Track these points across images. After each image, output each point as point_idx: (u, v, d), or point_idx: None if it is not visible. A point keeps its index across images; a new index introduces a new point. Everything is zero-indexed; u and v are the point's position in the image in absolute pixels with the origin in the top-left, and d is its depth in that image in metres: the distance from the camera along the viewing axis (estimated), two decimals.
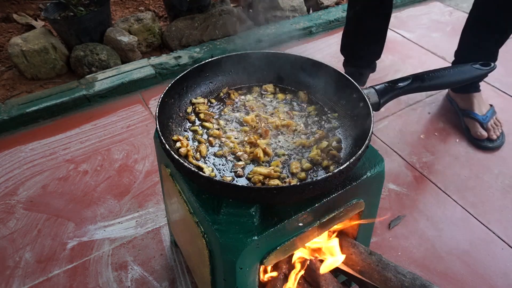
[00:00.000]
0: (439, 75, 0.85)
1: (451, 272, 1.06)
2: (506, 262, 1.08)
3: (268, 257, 0.66)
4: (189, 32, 1.98)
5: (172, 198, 0.85)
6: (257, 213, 0.64)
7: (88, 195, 1.28)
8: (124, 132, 1.52)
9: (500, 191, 1.26)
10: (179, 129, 0.79)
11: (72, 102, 1.62)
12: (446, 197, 1.25)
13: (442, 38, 2.03)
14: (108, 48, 1.84)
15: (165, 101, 0.77)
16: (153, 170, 1.35)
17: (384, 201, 1.24)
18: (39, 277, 1.06)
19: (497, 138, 1.41)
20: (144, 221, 1.19)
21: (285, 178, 0.69)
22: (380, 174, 0.74)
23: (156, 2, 2.37)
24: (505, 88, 1.68)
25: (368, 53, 1.54)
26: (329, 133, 0.79)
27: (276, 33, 2.00)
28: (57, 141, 1.49)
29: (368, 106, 0.73)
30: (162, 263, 1.09)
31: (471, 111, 1.44)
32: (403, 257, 1.10)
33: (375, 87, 0.82)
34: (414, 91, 0.84)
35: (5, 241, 1.15)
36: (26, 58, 1.73)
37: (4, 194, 1.29)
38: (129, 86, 1.72)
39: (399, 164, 1.36)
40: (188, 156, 0.72)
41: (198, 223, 0.70)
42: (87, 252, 1.11)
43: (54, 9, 1.88)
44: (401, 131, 1.50)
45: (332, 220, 0.72)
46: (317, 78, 0.88)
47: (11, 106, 1.56)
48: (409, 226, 1.17)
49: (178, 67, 1.79)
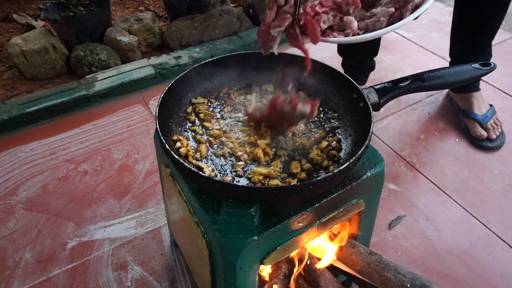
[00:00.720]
0: (439, 75, 0.85)
1: (451, 272, 1.06)
2: (506, 262, 1.08)
3: (268, 257, 0.67)
4: (189, 32, 1.98)
5: (172, 198, 0.85)
6: (257, 213, 0.64)
7: (88, 195, 1.28)
8: (124, 132, 1.52)
9: (500, 191, 1.26)
10: (179, 129, 0.79)
11: (72, 102, 1.62)
12: (446, 197, 1.25)
13: (442, 38, 2.03)
14: (108, 48, 1.84)
15: (165, 101, 0.77)
16: (153, 170, 1.36)
17: (384, 201, 1.24)
18: (39, 277, 1.06)
19: (497, 138, 1.41)
20: (144, 221, 1.19)
21: (285, 178, 0.69)
22: (380, 174, 0.74)
23: (156, 2, 2.37)
24: (505, 88, 1.68)
25: (364, 52, 1.54)
26: (329, 133, 0.79)
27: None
28: (57, 141, 1.49)
29: (368, 106, 0.73)
30: (162, 263, 1.09)
31: (471, 111, 1.44)
32: (403, 257, 1.10)
33: (375, 87, 0.82)
34: (414, 91, 0.84)
35: (5, 241, 1.15)
36: (26, 58, 1.73)
37: (4, 194, 1.29)
38: (129, 86, 1.72)
39: (399, 164, 1.37)
40: (188, 156, 0.72)
41: (198, 223, 0.70)
42: (87, 252, 1.12)
43: (54, 9, 1.88)
44: (401, 131, 1.50)
45: (332, 220, 0.72)
46: (317, 78, 0.88)
47: (11, 106, 1.56)
48: (409, 226, 1.17)
49: (178, 67, 1.79)
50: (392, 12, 0.82)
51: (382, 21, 0.81)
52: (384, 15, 0.81)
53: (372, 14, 0.84)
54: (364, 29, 0.83)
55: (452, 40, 1.46)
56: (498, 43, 1.97)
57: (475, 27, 1.33)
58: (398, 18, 0.82)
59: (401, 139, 1.46)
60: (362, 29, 0.83)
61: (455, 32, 1.43)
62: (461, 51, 1.44)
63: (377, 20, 0.82)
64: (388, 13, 0.82)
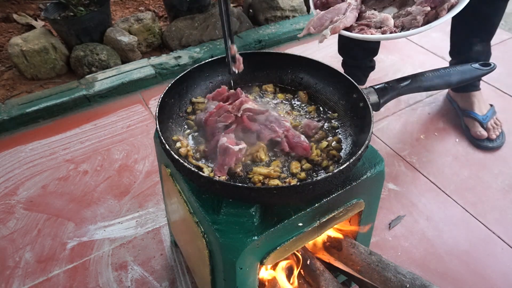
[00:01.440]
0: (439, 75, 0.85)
1: (451, 272, 1.06)
2: (506, 262, 1.08)
3: (268, 257, 0.67)
4: (189, 32, 1.98)
5: (172, 198, 0.85)
6: (257, 213, 0.64)
7: (88, 195, 1.28)
8: (124, 132, 1.52)
9: (500, 191, 1.26)
10: (179, 129, 0.79)
11: (72, 102, 1.62)
12: (446, 197, 1.25)
13: (442, 38, 2.02)
14: (108, 48, 1.84)
15: (165, 101, 0.77)
16: (153, 170, 1.36)
17: (384, 201, 1.24)
18: (39, 277, 1.06)
19: (497, 138, 1.41)
20: (144, 221, 1.19)
21: (285, 178, 0.69)
22: (380, 174, 0.74)
23: (156, 2, 2.37)
24: (505, 88, 1.68)
25: (365, 51, 1.54)
26: (329, 133, 0.79)
27: (276, 33, 2.00)
28: (57, 141, 1.49)
29: (368, 106, 0.73)
30: (162, 263, 1.09)
31: (471, 111, 1.44)
32: (403, 257, 1.10)
33: (375, 87, 0.82)
34: (414, 91, 0.84)
35: (5, 241, 1.15)
36: (26, 58, 1.73)
37: (4, 194, 1.29)
38: (129, 86, 1.72)
39: (399, 164, 1.36)
40: (188, 156, 0.72)
41: (198, 223, 0.70)
42: (87, 252, 1.12)
43: (54, 9, 1.88)
44: (401, 131, 1.50)
45: (332, 220, 0.72)
46: (317, 78, 0.88)
47: (11, 106, 1.56)
48: (409, 226, 1.17)
49: (178, 67, 1.79)
50: (428, 11, 0.82)
51: (419, 19, 0.82)
52: (420, 13, 0.82)
53: (408, 13, 0.84)
54: (400, 27, 0.84)
55: (452, 39, 1.46)
56: (498, 43, 1.96)
57: (475, 25, 1.33)
58: (433, 17, 0.83)
59: (401, 139, 1.46)
60: (399, 27, 0.84)
61: (455, 30, 1.43)
62: (461, 50, 1.44)
63: (414, 19, 0.82)
64: (424, 12, 0.82)
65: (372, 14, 0.89)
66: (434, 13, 0.82)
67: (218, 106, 0.76)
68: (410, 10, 0.84)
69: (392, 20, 0.85)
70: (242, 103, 0.74)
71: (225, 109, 0.75)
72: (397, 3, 0.92)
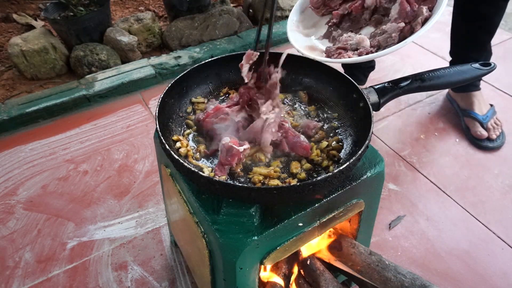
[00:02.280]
0: (439, 75, 0.85)
1: (451, 272, 1.06)
2: (506, 262, 1.08)
3: (268, 257, 0.66)
4: (189, 32, 1.98)
5: (172, 198, 0.85)
6: (257, 213, 0.64)
7: (88, 195, 1.28)
8: (124, 132, 1.52)
9: (500, 191, 1.26)
10: (179, 129, 0.79)
11: (72, 102, 1.62)
12: (446, 197, 1.25)
13: (442, 38, 2.02)
14: (108, 48, 1.84)
15: (165, 101, 0.77)
16: (153, 170, 1.35)
17: (384, 201, 1.24)
18: (39, 277, 1.06)
19: (497, 138, 1.41)
20: (144, 221, 1.19)
21: (285, 178, 0.69)
22: (380, 174, 0.74)
23: (156, 2, 2.37)
24: (505, 88, 1.68)
25: None
26: (329, 133, 0.79)
27: (276, 33, 2.00)
28: (57, 141, 1.49)
29: (368, 106, 0.73)
30: (162, 263, 1.09)
31: (472, 111, 1.44)
32: (403, 257, 1.10)
33: (375, 87, 0.82)
34: (414, 91, 0.84)
35: (5, 241, 1.15)
36: (26, 58, 1.73)
37: (4, 194, 1.29)
38: (129, 86, 1.72)
39: (399, 164, 1.36)
40: (188, 156, 0.72)
41: (198, 223, 0.70)
42: (87, 252, 1.11)
43: (54, 9, 1.88)
44: (401, 131, 1.50)
45: (332, 220, 0.72)
46: (317, 78, 0.87)
47: (11, 106, 1.56)
48: (409, 226, 1.17)
49: (178, 67, 1.79)
50: (402, 27, 0.82)
51: (394, 37, 0.82)
52: (394, 31, 0.82)
53: (383, 31, 0.84)
54: (376, 47, 0.84)
55: (452, 39, 1.46)
56: (498, 43, 1.96)
57: (475, 24, 1.33)
58: (409, 32, 0.83)
59: (401, 139, 1.46)
60: (375, 47, 0.84)
61: (455, 30, 1.43)
62: (461, 50, 1.44)
63: (389, 37, 0.82)
64: (398, 28, 0.82)
65: (349, 37, 0.89)
66: (410, 28, 0.82)
67: (215, 108, 0.76)
68: (385, 28, 0.84)
69: (368, 41, 0.85)
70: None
71: (223, 111, 0.75)
72: (373, 22, 0.92)
